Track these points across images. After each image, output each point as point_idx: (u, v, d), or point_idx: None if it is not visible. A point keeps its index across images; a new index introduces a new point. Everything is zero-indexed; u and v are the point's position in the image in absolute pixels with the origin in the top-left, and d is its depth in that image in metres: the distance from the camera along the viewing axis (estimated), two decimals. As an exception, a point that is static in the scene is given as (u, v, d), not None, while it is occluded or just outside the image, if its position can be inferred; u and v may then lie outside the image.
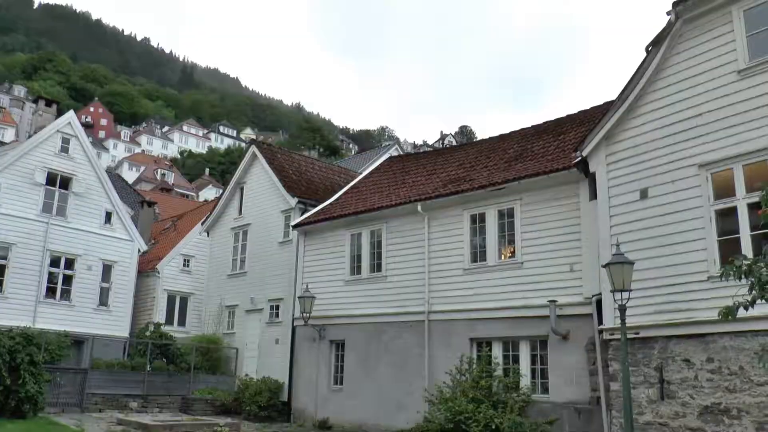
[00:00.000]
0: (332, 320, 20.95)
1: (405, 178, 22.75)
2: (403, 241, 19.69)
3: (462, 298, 17.70)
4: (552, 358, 15.64)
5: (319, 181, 26.91)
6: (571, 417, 14.76)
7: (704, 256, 12.20)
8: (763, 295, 8.34)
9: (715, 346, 11.81)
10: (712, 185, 12.47)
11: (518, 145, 20.13)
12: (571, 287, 15.44)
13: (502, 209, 17.42)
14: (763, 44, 12.21)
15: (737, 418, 11.32)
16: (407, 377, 18.55)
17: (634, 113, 13.97)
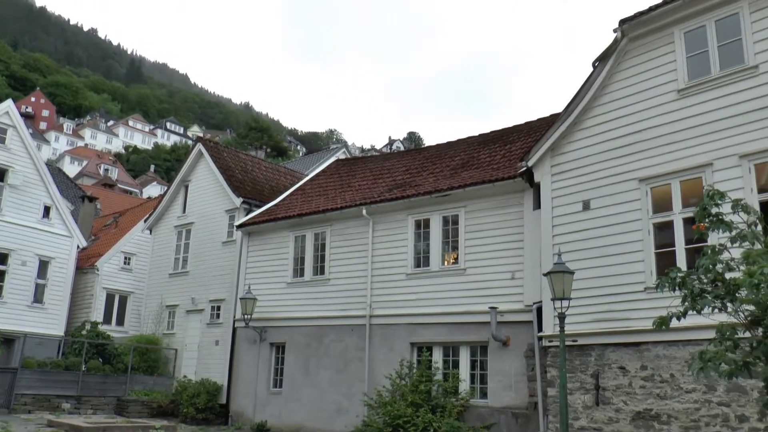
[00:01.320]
0: (274, 322, 20.81)
1: (351, 181, 22.77)
2: (347, 244, 19.68)
3: (404, 302, 17.78)
4: (491, 364, 15.83)
5: (265, 181, 26.72)
6: (508, 422, 14.98)
7: (642, 267, 12.57)
8: (695, 306, 8.61)
9: (649, 354, 12.18)
10: (651, 199, 12.87)
11: (465, 153, 20.34)
12: (512, 294, 15.66)
13: (446, 216, 17.58)
14: (701, 65, 12.69)
15: (666, 424, 11.69)
16: (347, 381, 18.55)
17: (579, 126, 14.29)
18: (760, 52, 11.99)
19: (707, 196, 8.90)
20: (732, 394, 11.09)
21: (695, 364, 8.36)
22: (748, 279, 7.93)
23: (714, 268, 8.63)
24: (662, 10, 13.04)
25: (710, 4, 12.61)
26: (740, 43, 12.29)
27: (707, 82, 12.49)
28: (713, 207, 8.87)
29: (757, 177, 11.61)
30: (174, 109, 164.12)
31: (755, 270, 7.82)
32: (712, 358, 8.24)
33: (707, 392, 11.36)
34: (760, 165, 11.62)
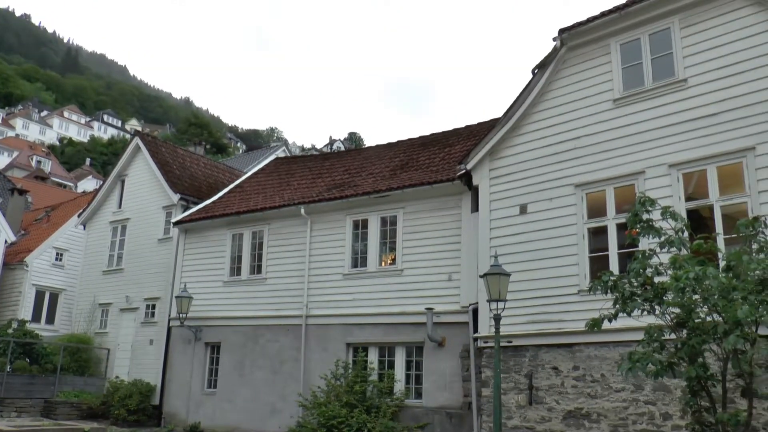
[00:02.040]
0: (209, 321, 20.56)
1: (290, 180, 22.69)
2: (284, 243, 19.59)
3: (341, 302, 17.81)
4: (427, 364, 15.97)
5: (204, 178, 26.37)
6: (442, 421, 15.14)
7: (576, 270, 12.91)
8: (625, 308, 8.91)
9: (581, 355, 12.51)
10: (586, 205, 13.23)
11: (404, 154, 20.48)
12: (448, 296, 15.84)
13: (384, 216, 17.68)
14: (636, 76, 13.13)
15: (596, 422, 12.02)
16: (283, 381, 18.45)
17: (518, 131, 14.56)
18: (690, 66, 12.46)
19: (639, 203, 9.23)
20: (658, 393, 11.48)
21: (624, 365, 8.63)
22: (674, 283, 8.23)
23: (644, 272, 8.94)
24: (599, 21, 13.43)
25: (644, 18, 13.05)
26: (671, 56, 12.75)
27: (641, 93, 12.91)
28: (644, 213, 9.20)
29: (685, 186, 12.07)
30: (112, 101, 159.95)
31: (681, 274, 8.11)
32: (640, 359, 8.52)
33: (635, 391, 11.73)
34: (688, 174, 12.08)
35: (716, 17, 12.32)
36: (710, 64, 12.21)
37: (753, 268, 8.06)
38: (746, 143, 11.44)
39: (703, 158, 11.85)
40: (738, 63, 11.89)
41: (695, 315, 8.47)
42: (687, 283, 8.05)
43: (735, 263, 8.35)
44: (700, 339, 8.26)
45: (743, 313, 7.48)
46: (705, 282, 8.07)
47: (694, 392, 8.55)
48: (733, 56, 11.97)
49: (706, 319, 8.41)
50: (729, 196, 11.54)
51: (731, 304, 7.75)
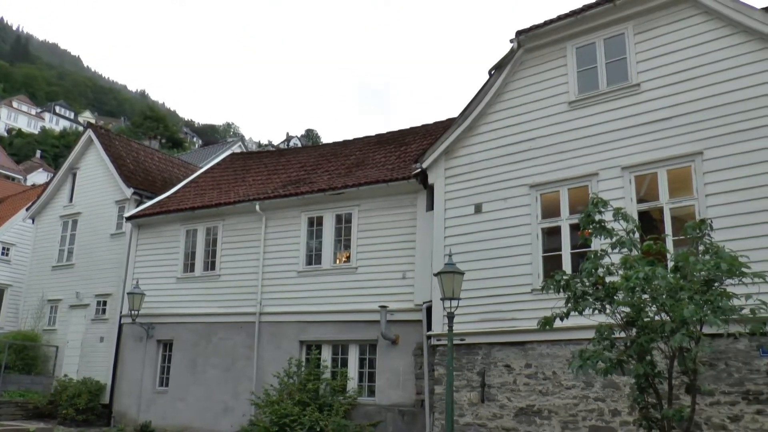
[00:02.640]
0: (162, 318, 20.27)
1: (246, 176, 22.51)
2: (239, 239, 19.43)
3: (295, 300, 17.73)
4: (380, 362, 16.01)
5: (158, 172, 26.00)
6: (395, 419, 15.19)
7: (529, 270, 13.09)
8: (577, 307, 9.08)
9: (533, 353, 12.68)
10: (540, 205, 13.41)
11: (360, 152, 20.49)
12: (402, 294, 15.89)
13: (340, 214, 17.67)
14: (591, 80, 13.37)
15: (547, 419, 12.21)
16: (235, 379, 18.29)
17: (473, 131, 14.69)
18: (642, 71, 12.73)
19: (592, 204, 9.41)
20: (607, 390, 11.70)
21: (575, 362, 8.79)
22: (625, 283, 8.41)
23: (595, 272, 9.12)
24: (556, 25, 13.63)
25: (600, 23, 13.29)
26: (625, 61, 13.01)
27: (595, 96, 13.14)
28: (597, 214, 9.38)
29: (637, 188, 12.33)
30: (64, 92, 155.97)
31: (631, 274, 8.29)
32: (591, 357, 8.69)
33: (585, 388, 11.94)
34: (640, 177, 12.35)
35: (668, 24, 12.61)
36: (662, 69, 12.50)
37: (699, 269, 8.28)
38: (695, 148, 11.73)
39: (654, 161, 12.12)
40: (688, 70, 12.19)
41: (644, 314, 8.67)
42: (637, 282, 8.24)
43: (682, 264, 8.57)
44: (648, 337, 8.46)
45: (689, 312, 7.68)
46: (654, 282, 8.26)
47: (642, 389, 8.74)
48: (683, 63, 12.28)
49: (654, 318, 8.62)
50: (678, 199, 11.82)
51: (678, 303, 7.95)
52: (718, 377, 10.66)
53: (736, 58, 11.78)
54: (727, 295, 8.13)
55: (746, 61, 11.67)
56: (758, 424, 10.25)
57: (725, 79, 11.76)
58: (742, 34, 11.78)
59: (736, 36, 11.85)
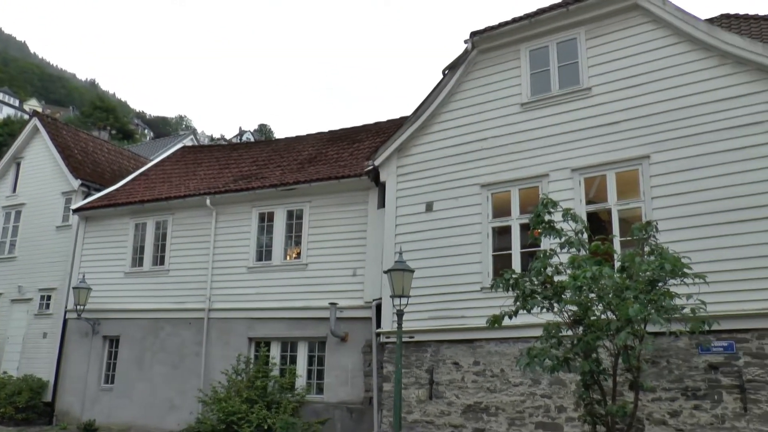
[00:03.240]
0: (108, 314, 19.84)
1: (197, 170, 22.24)
2: (189, 234, 19.17)
3: (244, 296, 17.57)
4: (329, 360, 15.98)
5: (107, 164, 25.47)
6: (343, 417, 15.19)
7: (479, 268, 13.23)
8: (525, 305, 9.24)
9: (482, 350, 12.83)
10: (491, 204, 13.58)
11: (313, 148, 20.43)
12: (352, 291, 15.89)
13: (291, 210, 17.58)
14: (543, 82, 13.58)
15: (495, 416, 12.36)
16: (183, 376, 18.03)
17: (426, 130, 14.78)
18: (593, 75, 12.98)
19: (542, 205, 9.58)
20: (554, 387, 11.91)
21: (523, 360, 8.95)
22: (572, 282, 8.60)
23: (544, 271, 9.30)
24: (510, 27, 13.81)
25: (553, 27, 13.51)
26: (577, 65, 13.25)
27: (548, 98, 13.36)
28: (546, 215, 9.56)
29: (586, 189, 12.59)
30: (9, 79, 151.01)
31: (579, 274, 8.48)
32: (538, 354, 8.86)
33: (532, 385, 12.13)
34: (590, 179, 12.61)
35: (619, 31, 12.90)
36: (612, 75, 12.77)
37: (644, 269, 8.51)
38: (642, 151, 12.03)
39: (603, 164, 12.39)
40: (637, 75, 12.49)
41: (591, 313, 8.88)
42: (584, 282, 8.43)
43: (628, 264, 8.81)
44: (594, 335, 8.65)
45: (634, 311, 7.90)
46: (601, 281, 8.47)
47: (587, 386, 8.94)
48: (633, 69, 12.57)
49: (600, 317, 8.82)
50: (626, 201, 12.10)
51: (624, 302, 8.17)
52: (659, 374, 10.95)
53: (681, 66, 12.13)
54: (669, 295, 8.39)
55: (691, 69, 12.03)
56: (695, 419, 10.58)
57: (671, 86, 12.10)
58: (688, 43, 12.12)
59: (682, 45, 12.20)
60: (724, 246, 10.88)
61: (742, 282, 10.59)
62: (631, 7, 12.74)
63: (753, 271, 10.61)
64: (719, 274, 10.14)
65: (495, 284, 9.73)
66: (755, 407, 10.22)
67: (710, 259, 10.52)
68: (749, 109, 11.32)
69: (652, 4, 12.44)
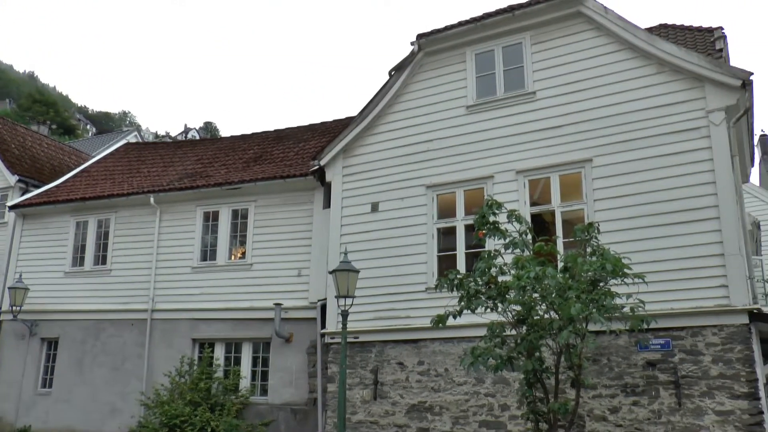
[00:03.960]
0: (47, 315, 19.26)
1: (140, 167, 21.84)
2: (132, 233, 18.80)
3: (188, 297, 17.32)
4: (274, 361, 15.89)
5: (47, 159, 24.81)
6: (287, 418, 15.13)
7: (424, 269, 13.35)
8: (470, 305, 9.36)
9: (426, 350, 12.93)
10: (436, 205, 13.71)
11: (259, 147, 20.28)
12: (297, 291, 15.82)
13: (236, 209, 17.43)
14: (489, 86, 13.79)
15: (439, 415, 12.48)
16: (124, 379, 17.64)
17: (372, 131, 14.85)
18: (538, 80, 13.23)
19: (486, 206, 9.72)
20: (497, 385, 12.08)
21: (467, 359, 9.07)
22: (516, 282, 8.76)
23: (488, 271, 9.44)
24: (456, 30, 13.97)
25: (499, 31, 13.72)
26: (522, 69, 13.48)
27: (493, 101, 13.56)
28: (491, 216, 9.69)
29: (531, 191, 12.84)
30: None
31: (523, 274, 8.64)
32: (482, 354, 8.99)
33: (476, 384, 12.29)
34: (534, 181, 12.85)
35: (563, 37, 13.19)
36: (557, 80, 13.05)
37: (586, 269, 8.72)
38: (585, 155, 12.31)
39: (547, 166, 12.65)
40: (580, 81, 12.79)
41: (534, 312, 9.05)
42: (528, 282, 8.60)
43: (571, 265, 9.01)
44: (537, 335, 8.82)
45: (576, 310, 8.09)
46: (544, 281, 8.64)
47: (530, 384, 9.11)
48: (576, 74, 12.87)
49: (543, 316, 9.00)
50: (569, 203, 12.38)
51: (566, 302, 8.36)
52: (600, 372, 11.21)
53: (622, 72, 12.47)
54: (610, 295, 8.62)
55: (631, 76, 12.37)
56: (634, 415, 10.87)
57: (613, 92, 12.42)
58: (629, 51, 12.46)
59: (623, 52, 12.53)
60: (661, 247, 11.21)
61: (678, 282, 10.95)
62: (574, 14, 13.03)
63: (688, 271, 10.97)
64: (657, 274, 10.45)
65: (439, 284, 9.84)
66: (689, 402, 10.56)
67: (649, 259, 10.82)
68: (686, 115, 11.70)
69: (595, 12, 12.74)
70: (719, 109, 11.41)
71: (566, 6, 13.01)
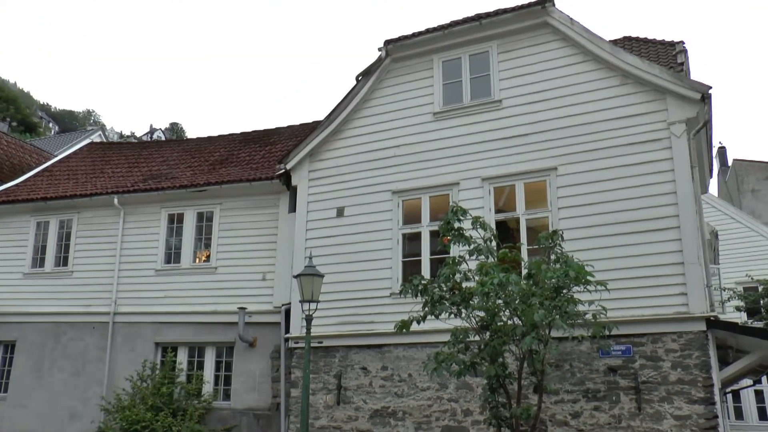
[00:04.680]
0: (4, 317, 18.79)
1: (105, 167, 21.54)
2: (95, 234, 18.49)
3: (152, 300, 17.11)
4: (237, 365, 15.78)
5: (6, 158, 24.31)
6: (250, 423, 15.03)
7: (389, 274, 13.39)
8: (434, 311, 9.42)
9: (390, 355, 12.96)
10: (402, 211, 13.77)
11: (225, 149, 20.16)
12: (262, 295, 15.75)
13: (201, 212, 17.29)
14: (455, 93, 13.91)
15: (402, 420, 12.51)
16: (85, 384, 17.32)
17: (339, 135, 14.87)
18: (504, 88, 13.39)
19: (451, 212, 9.80)
20: (461, 391, 12.15)
21: (430, 365, 9.13)
22: (480, 288, 8.83)
23: (453, 277, 9.51)
24: (424, 37, 14.07)
25: (466, 39, 13.85)
26: (489, 78, 13.63)
27: (459, 109, 13.67)
28: (456, 222, 9.78)
29: (496, 199, 12.96)
30: None
31: (487, 280, 8.73)
32: (445, 359, 9.06)
33: (440, 390, 12.33)
34: (499, 188, 12.99)
35: (530, 47, 13.36)
36: (523, 89, 13.21)
37: (549, 276, 8.83)
38: (550, 163, 12.47)
39: (512, 174, 12.79)
40: (546, 90, 12.97)
41: (498, 318, 9.14)
42: (492, 288, 8.68)
43: (535, 272, 9.11)
44: (501, 340, 8.90)
45: (539, 316, 8.19)
46: (508, 288, 8.74)
47: (493, 389, 9.19)
48: (542, 84, 13.04)
49: (507, 322, 9.09)
50: (534, 211, 12.52)
51: (530, 308, 8.45)
52: (563, 377, 11.34)
53: (587, 83, 12.68)
54: (573, 301, 8.75)
55: (596, 87, 12.58)
56: (595, 419, 11.02)
57: (578, 102, 12.61)
58: (593, 62, 12.67)
59: (588, 63, 12.74)
60: (623, 255, 11.40)
61: (639, 289, 11.14)
62: (541, 24, 13.20)
63: (648, 279, 11.16)
64: (619, 282, 10.61)
65: (404, 290, 9.90)
66: (648, 407, 10.74)
67: (611, 267, 10.97)
68: (648, 126, 11.92)
69: (561, 23, 12.93)
70: (680, 121, 11.66)
71: (533, 16, 13.19)
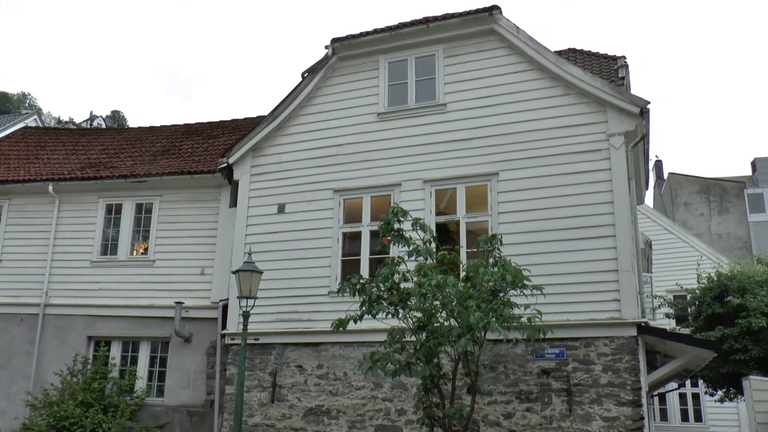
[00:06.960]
0: (-77, 307, 18.17)
1: (40, 153, 20.89)
2: (27, 223, 17.90)
3: (86, 292, 16.67)
4: (172, 361, 15.53)
5: (-68, 142, 23.47)
6: (183, 420, 14.82)
7: (328, 272, 13.39)
8: (371, 310, 9.46)
9: (326, 354, 12.96)
10: (343, 210, 13.79)
11: (167, 140, 19.81)
12: (200, 290, 15.53)
13: (140, 203, 16.96)
14: (400, 94, 14.01)
15: (335, 418, 12.53)
16: (9, 378, 16.73)
17: (283, 132, 14.80)
18: (449, 92, 13.52)
19: (392, 213, 9.85)
20: (395, 390, 12.23)
21: (365, 364, 9.18)
22: (418, 289, 8.90)
23: (391, 277, 9.56)
24: (371, 37, 14.11)
25: (413, 41, 13.94)
26: (434, 81, 13.74)
27: (404, 110, 13.75)
28: (396, 223, 9.83)
29: (437, 201, 13.09)
30: None
31: (424, 281, 8.80)
32: (381, 359, 9.12)
33: (374, 389, 12.39)
34: (441, 191, 13.11)
35: (476, 53, 13.52)
36: (467, 93, 13.36)
37: (487, 279, 8.96)
38: (492, 168, 12.66)
39: (454, 177, 12.93)
40: (491, 96, 13.15)
41: (435, 319, 9.23)
42: (429, 289, 8.75)
43: (473, 274, 9.24)
44: (437, 341, 8.99)
45: (475, 318, 8.30)
46: (445, 289, 8.83)
47: (428, 389, 9.27)
48: (487, 90, 13.23)
49: (443, 324, 9.18)
50: (474, 214, 12.69)
51: (466, 310, 8.55)
52: (497, 379, 11.51)
53: (531, 92, 12.90)
54: (509, 305, 8.89)
55: (539, 96, 12.81)
56: (526, 420, 11.22)
57: (521, 110, 12.83)
58: (538, 71, 12.89)
59: (533, 72, 12.96)
60: (560, 261, 11.63)
61: (574, 294, 11.38)
62: (487, 31, 13.37)
63: (584, 285, 11.42)
64: (555, 287, 10.84)
65: (342, 288, 9.90)
66: (579, 408, 10.99)
67: (548, 272, 11.17)
68: (589, 137, 12.19)
69: (507, 31, 13.12)
70: (619, 134, 11.95)
71: (479, 23, 13.35)
